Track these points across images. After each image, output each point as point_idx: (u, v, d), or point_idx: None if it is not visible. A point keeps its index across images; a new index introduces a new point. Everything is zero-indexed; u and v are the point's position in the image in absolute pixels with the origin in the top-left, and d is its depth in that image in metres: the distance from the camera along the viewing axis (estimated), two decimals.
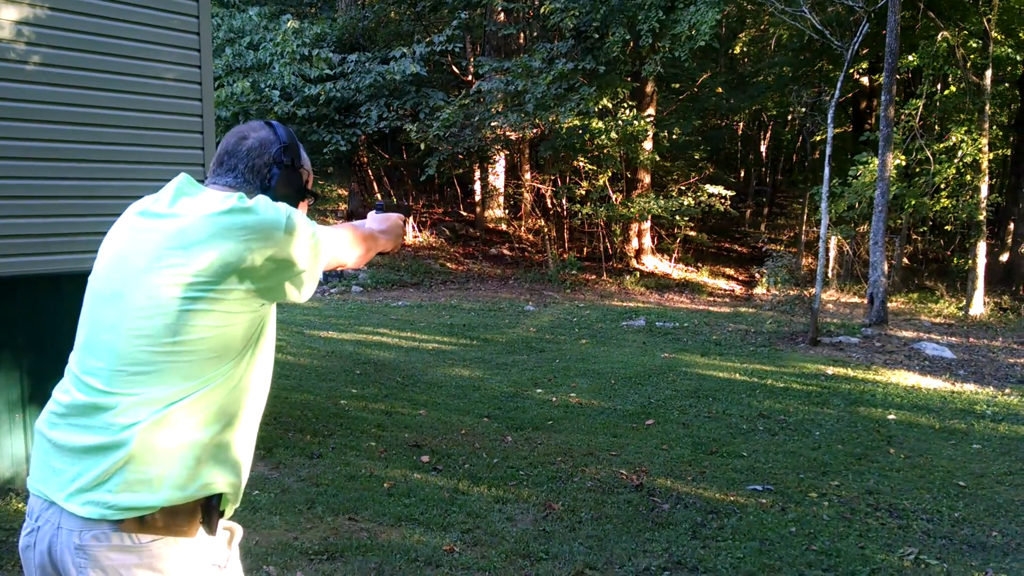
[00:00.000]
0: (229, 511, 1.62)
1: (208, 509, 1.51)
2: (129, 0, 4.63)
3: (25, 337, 4.34)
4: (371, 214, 2.05)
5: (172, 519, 1.45)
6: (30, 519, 1.51)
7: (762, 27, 20.40)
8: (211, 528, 1.52)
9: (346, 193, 20.77)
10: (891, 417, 6.87)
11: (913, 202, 14.59)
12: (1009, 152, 17.76)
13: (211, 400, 1.50)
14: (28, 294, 4.35)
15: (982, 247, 14.27)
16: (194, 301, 1.47)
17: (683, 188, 18.39)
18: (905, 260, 18.40)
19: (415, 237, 19.00)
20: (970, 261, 14.59)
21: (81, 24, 4.46)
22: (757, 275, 16.82)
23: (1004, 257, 17.28)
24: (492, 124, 16.36)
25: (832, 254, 16.69)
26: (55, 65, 4.38)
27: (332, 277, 14.96)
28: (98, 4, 4.51)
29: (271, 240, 1.52)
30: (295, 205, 1.73)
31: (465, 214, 21.77)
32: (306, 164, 1.80)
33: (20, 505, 4.14)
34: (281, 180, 1.71)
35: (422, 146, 17.00)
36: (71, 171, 4.48)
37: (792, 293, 12.13)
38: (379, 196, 19.95)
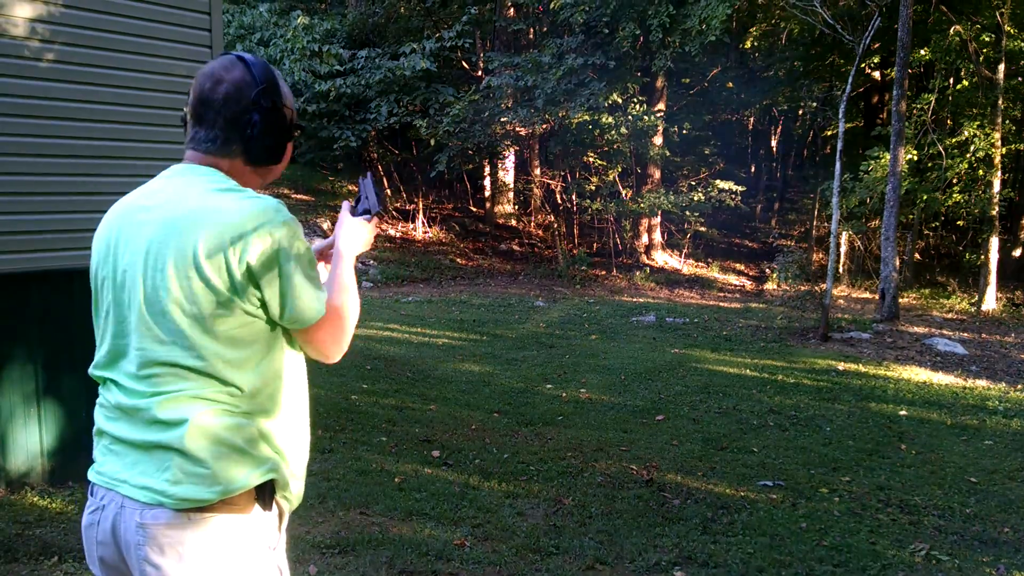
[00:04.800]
0: (294, 502, 1.64)
1: (262, 488, 1.54)
2: None
3: (39, 331, 4.37)
4: (344, 216, 1.80)
5: (227, 502, 1.48)
6: (94, 499, 1.55)
7: (773, 21, 20.28)
8: (266, 504, 1.55)
9: (356, 189, 20.80)
10: (902, 413, 6.85)
11: (925, 197, 14.51)
12: (1022, 147, 17.64)
13: (252, 389, 1.50)
14: (41, 289, 4.38)
15: (994, 242, 14.19)
16: (195, 302, 1.45)
17: (693, 183, 18.34)
18: (917, 255, 18.32)
19: (425, 233, 19.02)
20: (982, 256, 14.51)
21: (94, 21, 4.48)
22: (768, 270, 16.79)
23: (1017, 252, 17.17)
24: (502, 120, 16.37)
25: (843, 249, 16.62)
26: (69, 62, 4.40)
27: None
28: (111, 1, 4.54)
29: (252, 244, 1.45)
30: (283, 148, 1.64)
31: (475, 210, 21.77)
32: (288, 100, 1.65)
33: (36, 499, 4.18)
34: (264, 127, 1.58)
35: (432, 142, 17.03)
36: (83, 167, 4.51)
37: (803, 289, 12.11)
38: (383, 183, 19.96)
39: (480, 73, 18.90)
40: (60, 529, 3.83)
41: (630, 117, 16.09)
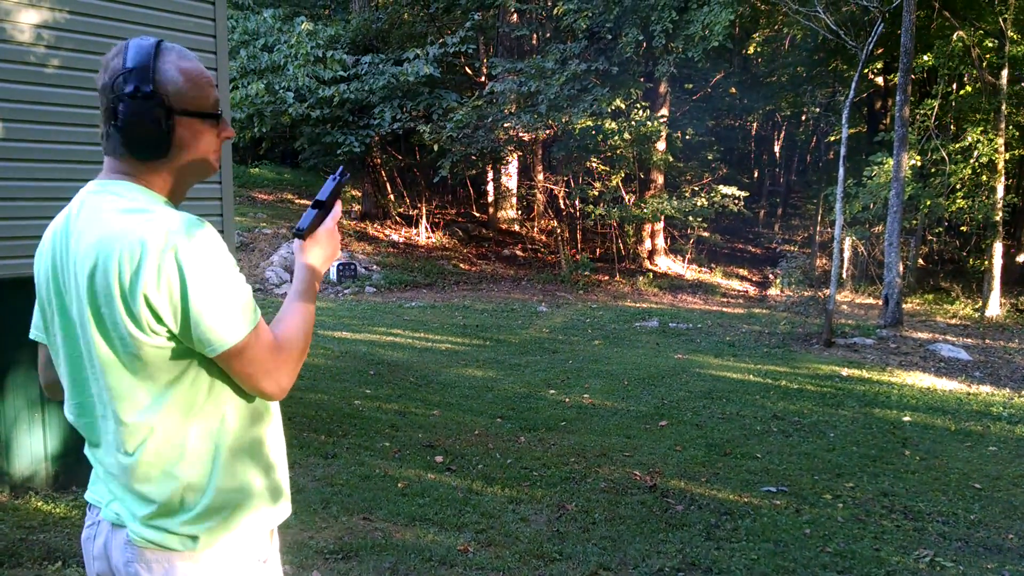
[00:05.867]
0: (278, 517, 1.59)
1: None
2: (146, 4, 4.67)
3: None
4: (308, 214, 1.65)
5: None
6: (91, 514, 1.55)
7: (776, 27, 20.34)
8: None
9: (359, 194, 20.84)
10: (906, 419, 6.83)
11: (928, 203, 14.51)
12: None
13: (185, 437, 1.42)
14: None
15: (998, 248, 14.17)
16: (112, 344, 1.38)
17: (696, 189, 18.36)
18: (920, 261, 18.30)
19: (428, 238, 19.04)
20: (986, 262, 14.50)
21: (98, 27, 4.50)
22: (771, 276, 16.77)
23: (1021, 258, 17.16)
24: (505, 125, 16.39)
25: (847, 255, 16.61)
26: (73, 68, 4.42)
27: (345, 278, 15.02)
28: (115, 7, 4.56)
29: (148, 273, 1.32)
30: (160, 138, 1.43)
31: (478, 215, 21.81)
32: (166, 84, 1.42)
33: (40, 503, 4.19)
34: (128, 116, 1.40)
35: (435, 147, 17.06)
36: (87, 173, 4.53)
37: (806, 294, 12.07)
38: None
39: (483, 79, 18.94)
40: (64, 534, 3.83)
41: (633, 122, 16.11)
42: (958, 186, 14.59)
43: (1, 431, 4.28)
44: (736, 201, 17.16)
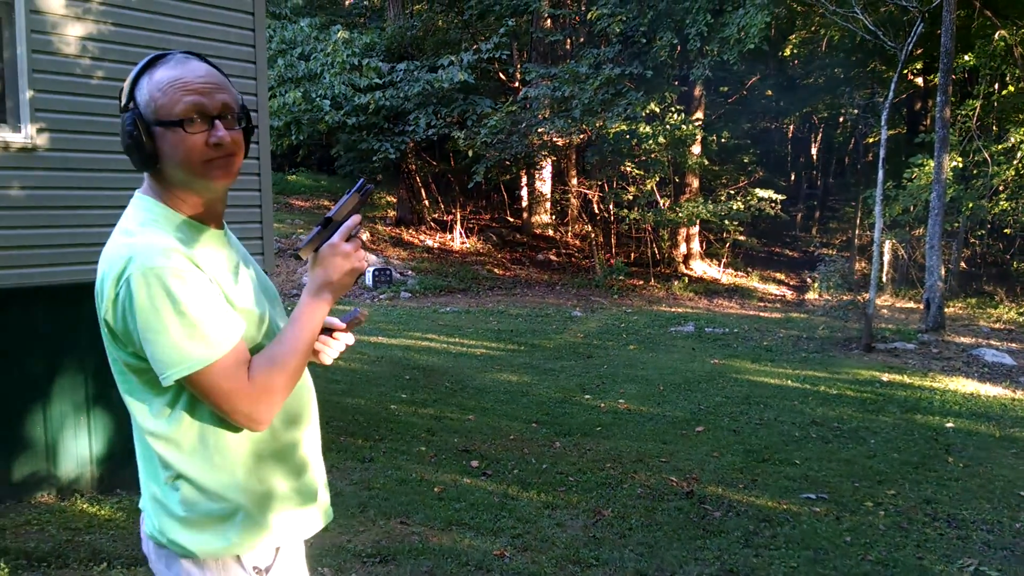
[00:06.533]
0: (308, 528, 1.62)
1: None
2: (189, 15, 4.77)
3: (89, 339, 4.47)
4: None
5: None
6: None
7: (813, 28, 20.11)
8: None
9: (395, 200, 20.99)
10: (949, 425, 6.71)
11: (971, 205, 14.24)
12: None
13: (180, 445, 1.46)
14: (94, 300, 4.48)
15: None
16: (109, 355, 1.48)
17: (732, 192, 18.22)
18: (962, 264, 17.96)
19: (462, 243, 19.11)
20: None
21: (143, 39, 4.60)
22: (809, 280, 16.57)
23: None
24: (539, 130, 16.42)
25: (886, 258, 16.36)
26: (119, 79, 4.52)
27: (381, 283, 15.13)
28: (160, 19, 4.66)
29: (108, 295, 1.40)
30: (141, 150, 1.43)
31: (512, 220, 21.83)
32: (140, 97, 1.43)
33: (85, 505, 4.28)
34: (120, 132, 1.45)
35: (470, 153, 17.15)
36: (132, 183, 4.62)
37: (845, 298, 11.89)
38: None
39: (517, 84, 18.99)
40: (109, 536, 3.91)
41: (668, 126, 16.04)
42: (1001, 188, 14.31)
43: (48, 434, 4.38)
44: (773, 204, 17.01)
